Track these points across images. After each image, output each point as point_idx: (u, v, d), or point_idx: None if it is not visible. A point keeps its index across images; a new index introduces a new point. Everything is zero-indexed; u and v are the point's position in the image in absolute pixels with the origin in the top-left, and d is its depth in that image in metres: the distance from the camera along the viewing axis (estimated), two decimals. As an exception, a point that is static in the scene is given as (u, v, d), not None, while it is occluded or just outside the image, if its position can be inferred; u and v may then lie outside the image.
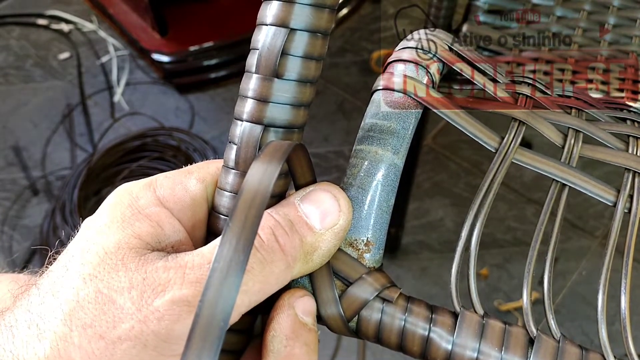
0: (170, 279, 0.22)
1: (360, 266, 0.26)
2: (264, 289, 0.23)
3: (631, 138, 0.30)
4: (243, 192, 0.20)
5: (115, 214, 0.24)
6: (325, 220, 0.25)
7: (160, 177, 0.26)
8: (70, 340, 0.21)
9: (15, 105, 1.34)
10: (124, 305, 0.21)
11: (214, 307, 0.18)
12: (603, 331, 0.26)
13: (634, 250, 0.27)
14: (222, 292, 0.18)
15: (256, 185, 0.20)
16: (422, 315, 0.26)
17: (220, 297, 0.18)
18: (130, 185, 0.26)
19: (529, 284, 0.26)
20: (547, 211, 0.27)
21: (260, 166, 0.21)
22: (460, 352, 0.25)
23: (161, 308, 0.21)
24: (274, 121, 0.25)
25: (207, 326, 0.17)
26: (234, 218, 0.19)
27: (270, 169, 0.21)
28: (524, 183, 1.15)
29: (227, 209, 0.26)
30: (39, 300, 0.22)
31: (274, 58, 0.25)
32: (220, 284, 0.18)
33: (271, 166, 0.21)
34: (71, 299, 0.22)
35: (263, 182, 0.20)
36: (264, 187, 0.20)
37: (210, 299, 0.18)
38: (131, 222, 0.24)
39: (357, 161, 0.27)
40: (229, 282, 0.18)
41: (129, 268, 0.22)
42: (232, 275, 0.18)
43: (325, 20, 0.25)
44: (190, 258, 0.23)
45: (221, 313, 0.17)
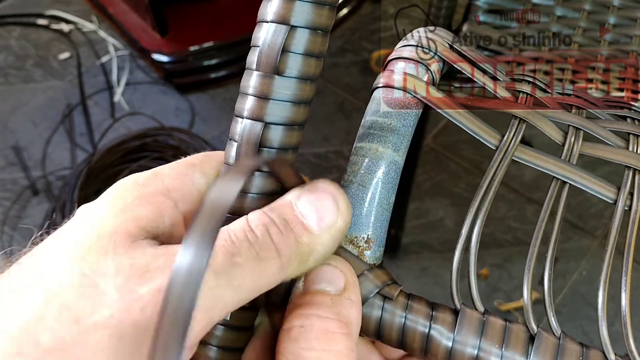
0: (158, 267, 0.21)
1: (361, 263, 0.26)
2: (257, 286, 0.22)
3: (631, 136, 0.30)
4: (204, 203, 0.18)
5: (117, 199, 0.23)
6: (322, 222, 0.24)
7: (166, 168, 0.26)
8: (42, 321, 0.20)
9: (15, 105, 1.34)
10: (107, 290, 0.20)
11: (178, 306, 0.16)
12: (603, 328, 0.26)
13: (634, 248, 0.27)
14: (185, 291, 0.17)
15: (220, 189, 0.19)
16: (423, 313, 0.26)
17: (183, 297, 0.17)
18: (136, 175, 0.25)
19: (529, 281, 0.26)
20: (547, 209, 0.27)
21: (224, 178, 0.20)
22: (460, 349, 0.25)
23: (145, 296, 0.20)
24: (275, 118, 0.25)
25: (173, 322, 0.16)
26: (196, 221, 0.18)
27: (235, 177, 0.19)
28: (524, 183, 1.15)
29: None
30: (18, 277, 0.21)
31: (274, 55, 0.25)
32: (184, 283, 0.17)
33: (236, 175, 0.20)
34: (53, 278, 0.20)
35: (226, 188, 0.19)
36: (228, 191, 0.19)
37: (175, 296, 0.16)
38: (132, 207, 0.23)
39: (358, 158, 0.27)
40: (192, 278, 0.17)
41: (118, 252, 0.21)
42: (195, 271, 0.17)
43: (325, 18, 0.25)
44: (179, 246, 0.22)
45: (185, 310, 0.16)
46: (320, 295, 0.24)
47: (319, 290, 0.24)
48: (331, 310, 0.23)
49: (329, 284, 0.24)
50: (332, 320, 0.23)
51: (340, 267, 0.25)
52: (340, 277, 0.25)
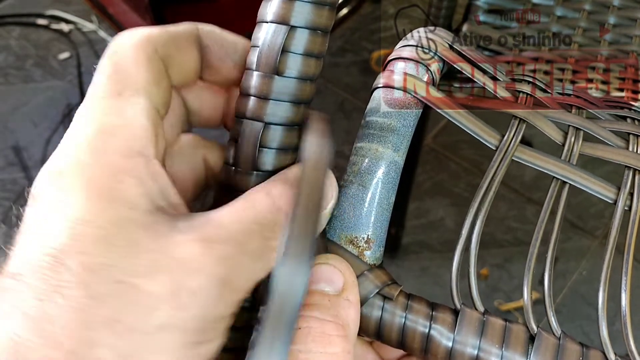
0: (199, 257, 0.20)
1: (361, 263, 0.26)
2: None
3: (631, 136, 0.30)
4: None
5: (92, 180, 0.20)
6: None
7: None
8: (95, 342, 0.18)
9: (15, 105, 1.34)
10: (155, 290, 0.19)
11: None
12: (604, 328, 0.26)
13: (634, 248, 0.27)
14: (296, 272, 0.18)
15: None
16: (423, 313, 0.26)
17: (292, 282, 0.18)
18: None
19: (529, 281, 0.26)
20: (547, 209, 0.27)
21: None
22: (460, 349, 0.25)
23: (199, 291, 0.19)
24: (275, 118, 0.25)
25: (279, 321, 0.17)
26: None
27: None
28: (524, 183, 1.15)
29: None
30: (36, 306, 0.18)
31: (274, 55, 0.25)
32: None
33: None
34: (85, 296, 0.18)
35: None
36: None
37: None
38: (116, 186, 0.20)
39: (358, 159, 0.27)
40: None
41: (144, 248, 0.19)
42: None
43: (325, 18, 0.25)
44: (212, 231, 0.21)
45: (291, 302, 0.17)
46: (318, 295, 0.24)
47: (318, 290, 0.24)
48: (329, 312, 0.23)
49: (328, 284, 0.25)
50: (329, 322, 0.23)
51: (339, 267, 0.25)
52: (339, 278, 0.25)
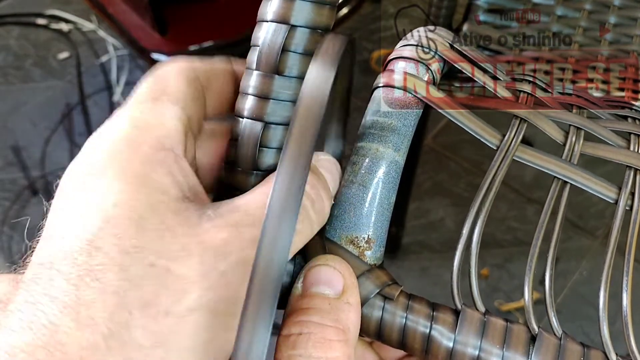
0: (227, 241, 0.21)
1: (361, 263, 0.26)
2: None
3: (632, 135, 0.30)
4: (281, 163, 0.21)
5: (127, 168, 0.21)
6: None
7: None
8: (131, 324, 0.19)
9: (14, 105, 1.33)
10: (186, 274, 0.20)
11: (269, 259, 0.19)
12: (605, 328, 0.25)
13: (635, 248, 0.27)
14: (277, 243, 0.19)
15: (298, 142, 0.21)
16: (423, 313, 0.26)
17: (274, 248, 0.19)
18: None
19: (530, 281, 0.26)
20: (548, 209, 0.27)
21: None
22: (461, 350, 0.25)
23: (227, 272, 0.20)
24: (275, 118, 0.25)
25: (264, 277, 0.18)
26: (282, 167, 0.20)
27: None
28: (525, 183, 1.15)
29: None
30: (70, 291, 0.19)
31: (274, 55, 0.25)
32: (275, 234, 0.19)
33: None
34: (120, 279, 0.19)
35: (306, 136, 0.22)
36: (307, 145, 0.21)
37: (266, 249, 0.19)
38: (149, 174, 0.21)
39: (358, 158, 0.27)
40: (283, 232, 0.19)
41: (176, 232, 0.20)
42: (286, 223, 0.19)
43: (325, 17, 0.25)
44: (239, 217, 0.22)
45: (276, 264, 0.18)
46: (318, 299, 0.24)
47: (317, 293, 0.24)
48: (329, 316, 0.23)
49: (328, 286, 0.24)
50: (330, 327, 0.23)
51: (339, 269, 0.25)
52: (339, 280, 0.25)
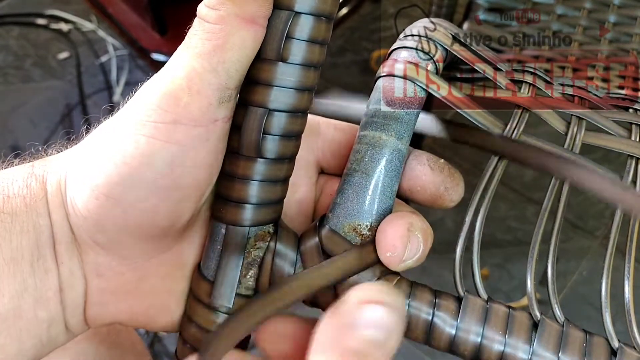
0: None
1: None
2: None
3: (634, 126, 0.30)
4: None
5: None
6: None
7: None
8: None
9: (14, 105, 1.33)
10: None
11: None
12: (607, 317, 0.26)
13: (637, 242, 0.27)
14: None
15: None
16: (426, 300, 0.26)
17: None
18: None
19: (533, 269, 0.26)
20: (547, 205, 0.27)
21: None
22: (464, 337, 0.25)
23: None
24: (278, 105, 0.25)
25: None
26: None
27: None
28: (525, 183, 1.15)
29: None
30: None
31: (278, 41, 0.25)
32: None
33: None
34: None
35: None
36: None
37: None
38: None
39: (361, 147, 0.27)
40: None
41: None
42: None
43: (329, 4, 0.25)
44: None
45: None
46: (372, 345, 0.21)
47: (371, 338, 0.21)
48: None
49: (381, 330, 0.21)
50: None
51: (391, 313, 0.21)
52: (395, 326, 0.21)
